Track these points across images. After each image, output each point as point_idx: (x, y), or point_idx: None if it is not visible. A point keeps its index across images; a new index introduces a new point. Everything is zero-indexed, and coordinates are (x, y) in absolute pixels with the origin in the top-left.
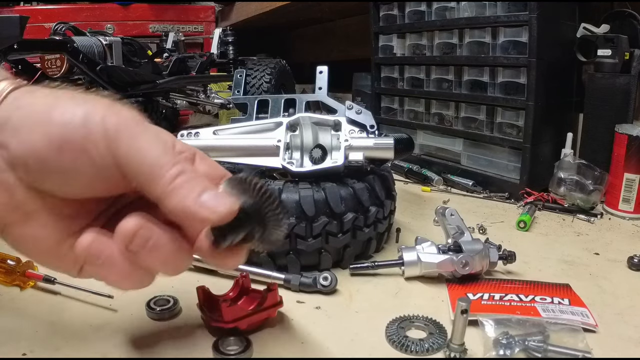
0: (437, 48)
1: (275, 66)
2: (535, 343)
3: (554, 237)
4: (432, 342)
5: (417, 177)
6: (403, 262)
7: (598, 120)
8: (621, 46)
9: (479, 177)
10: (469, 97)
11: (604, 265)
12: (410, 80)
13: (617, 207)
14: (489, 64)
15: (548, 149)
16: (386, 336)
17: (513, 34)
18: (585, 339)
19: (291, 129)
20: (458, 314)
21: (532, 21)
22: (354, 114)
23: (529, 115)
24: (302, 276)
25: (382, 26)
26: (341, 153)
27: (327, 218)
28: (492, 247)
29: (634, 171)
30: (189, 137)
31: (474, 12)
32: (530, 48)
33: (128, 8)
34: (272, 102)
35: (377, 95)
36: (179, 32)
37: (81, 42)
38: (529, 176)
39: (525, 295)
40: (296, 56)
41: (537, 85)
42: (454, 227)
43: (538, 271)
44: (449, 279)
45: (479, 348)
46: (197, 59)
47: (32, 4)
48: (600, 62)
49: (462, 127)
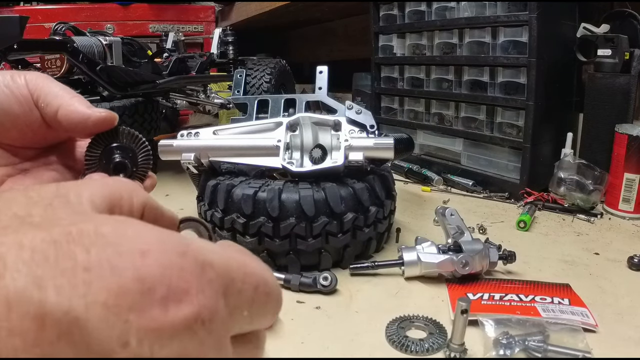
0: (437, 48)
1: (275, 66)
2: (535, 343)
3: (554, 237)
4: (432, 342)
5: (417, 177)
6: (403, 262)
7: (598, 120)
8: (621, 46)
9: (479, 177)
10: (469, 97)
11: (604, 265)
12: (410, 80)
13: (617, 207)
14: (489, 64)
15: (548, 149)
16: (386, 336)
17: (513, 33)
18: (585, 339)
19: (291, 129)
20: (458, 314)
21: (532, 21)
22: (354, 114)
23: (529, 115)
24: (302, 276)
25: (382, 26)
26: (341, 153)
27: (327, 218)
28: (492, 247)
29: (634, 171)
30: (189, 137)
31: (474, 12)
32: (530, 48)
33: (128, 8)
34: (272, 102)
35: (377, 95)
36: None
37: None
38: (529, 176)
39: (525, 295)
40: (296, 56)
41: (537, 85)
42: (454, 227)
43: (538, 271)
44: (449, 279)
45: (479, 348)
46: (197, 59)
47: (32, 4)
48: (600, 62)
49: (462, 127)
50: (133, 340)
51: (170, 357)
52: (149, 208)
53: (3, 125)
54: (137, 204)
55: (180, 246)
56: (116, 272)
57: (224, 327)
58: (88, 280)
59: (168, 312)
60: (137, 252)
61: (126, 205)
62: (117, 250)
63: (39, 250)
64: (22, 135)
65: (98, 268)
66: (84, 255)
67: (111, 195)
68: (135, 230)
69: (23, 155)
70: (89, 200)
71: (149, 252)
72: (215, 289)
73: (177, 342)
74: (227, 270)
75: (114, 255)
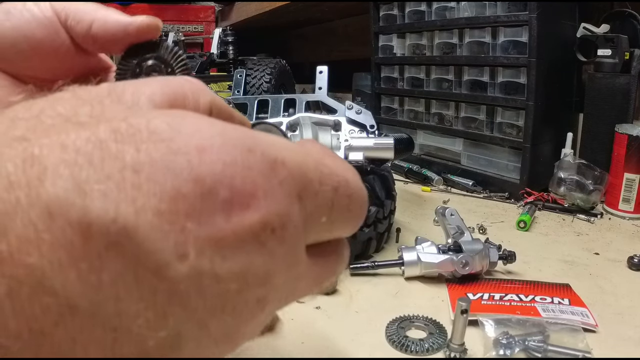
0: (437, 48)
1: (275, 66)
2: (535, 343)
3: (554, 237)
4: (432, 342)
5: (417, 177)
6: (403, 262)
7: (598, 120)
8: (621, 46)
9: (479, 177)
10: (469, 97)
11: (604, 265)
12: (410, 80)
13: (617, 207)
14: (489, 64)
15: (548, 149)
16: (386, 336)
17: (513, 33)
18: (585, 339)
19: (291, 129)
20: (458, 314)
21: (532, 21)
22: (354, 114)
23: (529, 115)
24: None
25: (382, 26)
26: (341, 153)
27: None
28: (492, 247)
29: (634, 171)
30: None
31: (474, 12)
32: (530, 48)
33: (128, 8)
34: (272, 102)
35: (377, 95)
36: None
37: None
38: (529, 176)
39: (525, 295)
40: (296, 56)
41: (537, 85)
42: (454, 227)
43: (538, 271)
44: (449, 279)
45: (479, 348)
46: (197, 59)
47: None
48: (600, 62)
49: (462, 127)
50: (192, 252)
51: (234, 271)
52: (217, 109)
53: (24, 53)
54: (204, 104)
55: (247, 140)
56: (170, 172)
57: (298, 236)
58: (137, 183)
59: (231, 219)
60: (194, 148)
61: (191, 105)
62: (171, 147)
63: (82, 152)
64: (47, 64)
65: (149, 168)
66: (133, 154)
67: (174, 94)
68: (194, 123)
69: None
70: (149, 99)
71: (209, 148)
72: (288, 191)
73: (243, 253)
74: (302, 169)
75: (167, 153)
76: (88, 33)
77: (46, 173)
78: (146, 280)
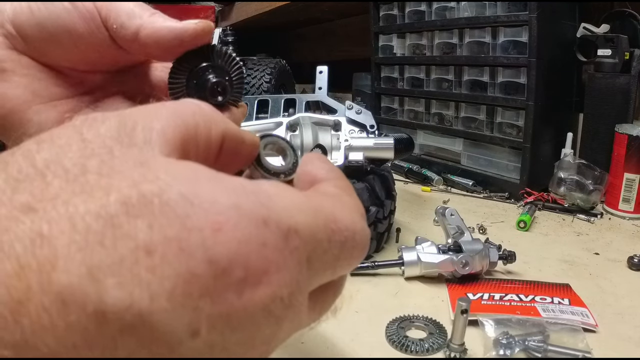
0: (437, 48)
1: (275, 66)
2: (535, 343)
3: (554, 237)
4: (432, 342)
5: (417, 177)
6: (403, 262)
7: (598, 120)
8: (621, 46)
9: (479, 177)
10: (469, 97)
11: (604, 265)
12: (410, 80)
13: (617, 207)
14: (489, 64)
15: (548, 149)
16: (386, 336)
17: (513, 33)
18: (585, 339)
19: (291, 129)
20: (458, 314)
21: (532, 21)
22: (354, 114)
23: (529, 115)
24: None
25: (382, 26)
26: (341, 153)
27: None
28: (492, 247)
29: (634, 171)
30: None
31: (474, 12)
32: (530, 48)
33: None
34: (272, 102)
35: (377, 95)
36: None
37: None
38: (529, 176)
39: (525, 295)
40: (296, 56)
41: (537, 85)
42: (454, 227)
43: (538, 271)
44: (449, 279)
45: (479, 348)
46: None
47: None
48: (600, 62)
49: (462, 127)
50: (203, 329)
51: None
52: (229, 137)
53: (62, 44)
54: (216, 135)
55: (261, 211)
56: (184, 254)
57: (304, 297)
58: (151, 266)
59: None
60: (208, 227)
61: (203, 137)
62: (186, 225)
63: (93, 230)
64: (86, 56)
65: (162, 249)
66: (146, 232)
67: (186, 126)
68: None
69: (90, 83)
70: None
71: (223, 226)
72: (298, 259)
73: (252, 324)
74: (313, 231)
75: (181, 230)
76: (135, 39)
77: (57, 256)
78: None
